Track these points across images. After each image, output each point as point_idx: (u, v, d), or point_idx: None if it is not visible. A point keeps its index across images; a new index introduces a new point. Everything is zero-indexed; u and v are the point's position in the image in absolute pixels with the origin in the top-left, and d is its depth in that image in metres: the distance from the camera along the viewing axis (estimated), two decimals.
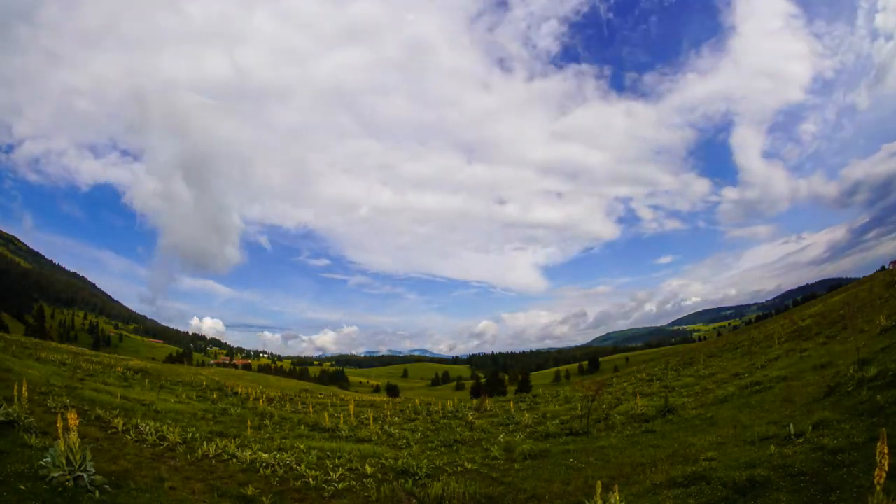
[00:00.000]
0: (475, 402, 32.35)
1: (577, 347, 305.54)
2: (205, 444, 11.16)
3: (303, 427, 18.43)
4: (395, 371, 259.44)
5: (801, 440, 7.43)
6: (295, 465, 9.93)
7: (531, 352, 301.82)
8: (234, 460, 10.13)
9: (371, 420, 20.68)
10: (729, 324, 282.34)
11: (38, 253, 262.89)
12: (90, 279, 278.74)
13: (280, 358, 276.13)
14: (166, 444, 10.92)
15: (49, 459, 6.17)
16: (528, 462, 10.86)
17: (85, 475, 6.11)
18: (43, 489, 5.76)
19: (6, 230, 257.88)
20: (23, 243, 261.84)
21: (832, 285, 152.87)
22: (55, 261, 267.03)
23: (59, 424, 6.37)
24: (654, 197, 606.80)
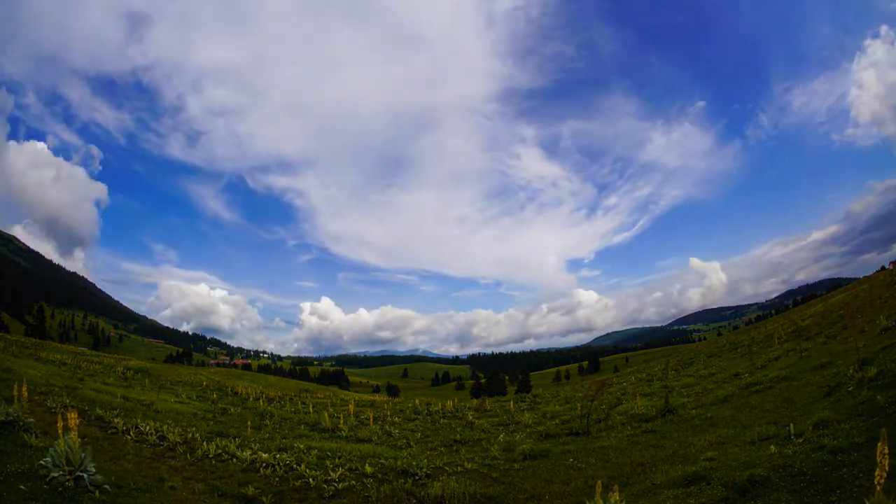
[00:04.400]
0: (475, 402, 32.34)
1: (577, 347, 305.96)
2: (205, 443, 11.17)
3: (303, 427, 18.46)
4: (395, 371, 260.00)
5: (801, 440, 7.42)
6: (295, 465, 9.92)
7: (531, 352, 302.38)
8: (234, 460, 10.13)
9: (371, 420, 20.68)
10: (729, 324, 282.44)
11: (37, 253, 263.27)
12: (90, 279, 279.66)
13: (280, 358, 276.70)
14: (166, 444, 10.93)
15: (49, 459, 6.16)
16: (528, 462, 10.84)
17: (85, 475, 6.10)
18: (43, 489, 5.75)
19: (5, 230, 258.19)
20: (22, 243, 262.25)
21: (832, 285, 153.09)
22: (54, 261, 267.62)
23: (60, 424, 6.36)
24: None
